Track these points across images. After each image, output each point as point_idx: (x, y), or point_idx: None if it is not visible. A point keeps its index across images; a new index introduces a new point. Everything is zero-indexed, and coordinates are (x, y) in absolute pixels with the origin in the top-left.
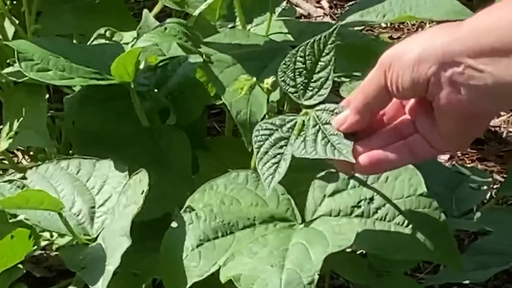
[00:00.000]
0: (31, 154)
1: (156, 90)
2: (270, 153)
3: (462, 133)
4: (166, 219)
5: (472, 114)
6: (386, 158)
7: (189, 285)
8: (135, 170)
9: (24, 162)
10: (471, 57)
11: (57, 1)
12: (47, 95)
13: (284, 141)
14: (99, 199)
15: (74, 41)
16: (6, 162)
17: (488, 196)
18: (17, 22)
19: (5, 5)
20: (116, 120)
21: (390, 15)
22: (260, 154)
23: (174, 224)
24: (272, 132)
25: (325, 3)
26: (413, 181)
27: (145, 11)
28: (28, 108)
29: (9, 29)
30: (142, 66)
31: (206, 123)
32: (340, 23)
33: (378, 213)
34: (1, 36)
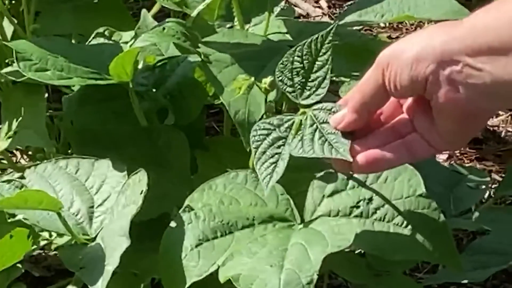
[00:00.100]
0: (30, 153)
1: (154, 90)
2: (268, 152)
3: (460, 131)
4: (165, 219)
5: (470, 112)
6: (384, 157)
7: (188, 285)
8: (134, 170)
9: (22, 161)
10: (470, 55)
11: (55, 0)
12: (46, 95)
13: (282, 140)
14: (98, 199)
15: (73, 40)
16: (5, 162)
17: (486, 195)
18: (16, 21)
19: (3, 4)
20: (114, 120)
21: (388, 15)
22: (258, 154)
23: (173, 224)
24: (270, 132)
25: (323, 3)
26: (412, 181)
27: (143, 11)
28: (27, 107)
29: (8, 28)
30: (140, 66)
31: (204, 123)
32: (337, 23)
33: (377, 213)
34: (0, 35)
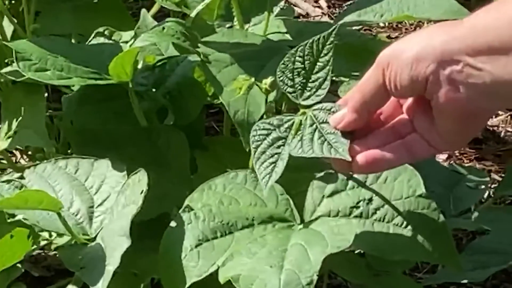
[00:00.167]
0: (29, 153)
1: (154, 90)
2: (267, 153)
3: (460, 131)
4: (165, 219)
5: (470, 112)
6: (383, 158)
7: (188, 285)
8: (134, 170)
9: (22, 161)
10: (470, 55)
11: (55, 0)
12: (46, 95)
13: (281, 141)
14: (98, 199)
15: (73, 40)
16: (5, 162)
17: (486, 195)
18: (15, 21)
19: (4, 4)
20: (114, 119)
21: (388, 15)
22: (257, 154)
23: (173, 224)
24: (269, 132)
25: (323, 3)
26: (412, 182)
27: (143, 11)
28: (26, 107)
29: (7, 28)
30: (140, 66)
31: (204, 123)
32: (339, 24)
33: (377, 214)
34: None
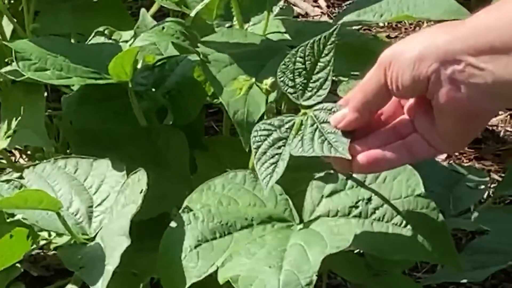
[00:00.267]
0: (29, 153)
1: (154, 90)
2: (268, 153)
3: (461, 132)
4: (165, 219)
5: (471, 112)
6: (384, 158)
7: (187, 286)
8: (133, 170)
9: (21, 161)
10: (472, 55)
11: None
12: (45, 94)
13: (282, 141)
14: (97, 199)
15: (72, 40)
16: (4, 161)
17: (485, 195)
18: (15, 21)
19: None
20: (114, 119)
21: (387, 15)
22: (258, 154)
23: (173, 224)
24: (270, 132)
25: (322, 2)
26: (411, 181)
27: (142, 10)
28: (26, 107)
29: (7, 27)
30: (140, 66)
31: (204, 123)
32: (339, 24)
33: (376, 213)
34: None
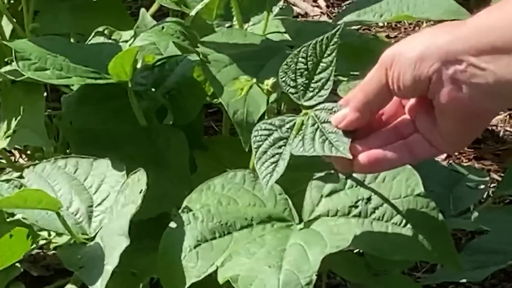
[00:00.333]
0: (29, 153)
1: (153, 90)
2: (269, 152)
3: (462, 132)
4: (164, 219)
5: (472, 112)
6: (385, 157)
7: (187, 286)
8: (133, 170)
9: (21, 161)
10: (474, 55)
11: None
12: (45, 94)
13: (283, 141)
14: (97, 198)
15: (72, 40)
16: (4, 161)
17: (485, 195)
18: (14, 20)
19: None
20: (113, 119)
21: (387, 15)
22: (258, 154)
23: (172, 224)
24: (271, 132)
25: (322, 2)
26: (410, 181)
27: (142, 10)
28: (26, 107)
29: (6, 27)
30: (139, 65)
31: (203, 122)
32: (342, 24)
33: (375, 213)
34: None
